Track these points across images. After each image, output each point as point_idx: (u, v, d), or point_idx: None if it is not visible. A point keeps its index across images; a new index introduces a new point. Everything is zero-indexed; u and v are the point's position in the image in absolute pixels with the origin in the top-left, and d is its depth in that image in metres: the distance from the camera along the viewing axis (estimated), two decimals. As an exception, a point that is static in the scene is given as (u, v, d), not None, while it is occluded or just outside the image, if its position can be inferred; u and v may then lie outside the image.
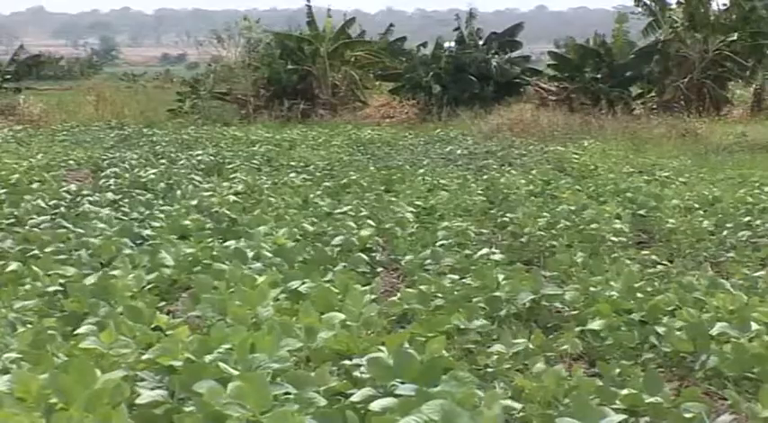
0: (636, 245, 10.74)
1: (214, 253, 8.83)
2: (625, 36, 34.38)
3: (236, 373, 4.70)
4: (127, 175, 15.71)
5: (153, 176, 15.39)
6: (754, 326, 6.28)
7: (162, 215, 11.33)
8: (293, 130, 28.53)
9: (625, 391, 5.11)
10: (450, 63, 34.87)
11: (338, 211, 11.89)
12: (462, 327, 6.57)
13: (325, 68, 34.95)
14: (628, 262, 9.12)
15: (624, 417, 4.78)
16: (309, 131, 27.83)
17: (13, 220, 11.28)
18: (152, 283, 7.56)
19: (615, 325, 6.66)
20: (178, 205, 12.19)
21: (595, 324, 6.67)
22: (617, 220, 11.41)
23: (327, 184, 15.16)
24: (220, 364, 4.79)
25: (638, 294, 7.27)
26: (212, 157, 19.31)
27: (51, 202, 12.50)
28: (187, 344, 5.22)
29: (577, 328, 6.74)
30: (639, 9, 33.84)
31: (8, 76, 38.07)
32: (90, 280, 7.31)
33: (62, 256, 8.63)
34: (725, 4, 33.67)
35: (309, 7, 35.61)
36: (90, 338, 5.39)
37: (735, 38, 32.39)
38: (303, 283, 7.36)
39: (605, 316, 6.76)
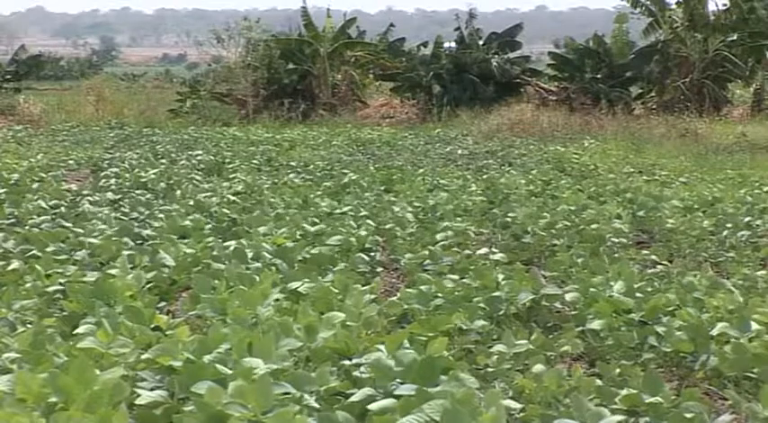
0: (636, 245, 10.74)
1: (214, 253, 8.83)
2: (625, 36, 34.38)
3: (231, 373, 4.70)
4: (127, 175, 15.71)
5: (153, 176, 15.39)
6: (754, 326, 6.28)
7: (162, 215, 11.32)
8: (293, 130, 28.53)
9: (625, 391, 5.11)
10: (450, 63, 34.87)
11: (338, 211, 11.88)
12: (463, 327, 6.57)
13: (325, 68, 34.95)
14: (628, 262, 9.12)
15: (623, 417, 4.79)
16: (309, 131, 27.82)
17: (13, 220, 11.28)
18: (152, 283, 7.56)
19: (615, 325, 6.66)
20: (178, 205, 12.19)
21: (595, 324, 6.67)
22: (617, 220, 11.41)
23: (327, 184, 15.16)
24: (217, 365, 4.79)
25: (638, 294, 7.27)
26: (212, 157, 19.30)
27: (51, 202, 12.50)
28: (187, 344, 5.22)
29: (577, 328, 6.74)
30: (638, 10, 33.84)
31: (8, 76, 38.07)
32: (90, 280, 7.31)
33: (62, 256, 8.63)
34: (725, 5, 33.69)
35: (305, 8, 35.60)
36: (89, 338, 5.39)
37: (734, 38, 32.40)
38: (303, 284, 7.36)
39: (605, 316, 6.76)
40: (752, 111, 32.81)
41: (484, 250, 9.53)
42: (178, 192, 13.83)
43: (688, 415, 4.78)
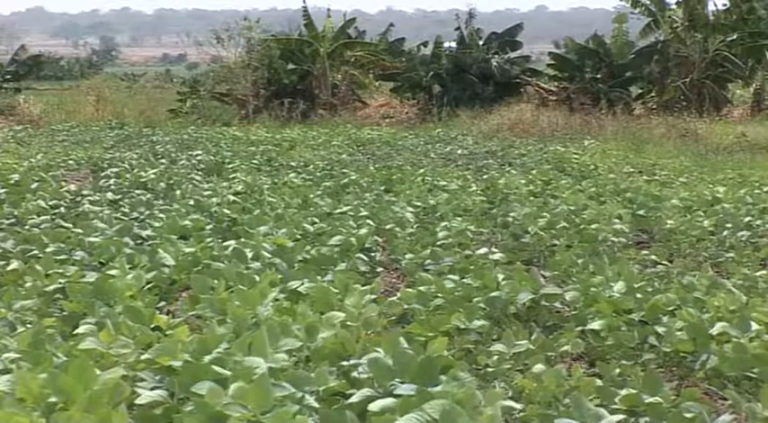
0: (636, 245, 10.74)
1: (214, 253, 8.83)
2: (625, 36, 34.37)
3: (230, 374, 4.70)
4: (127, 175, 15.70)
5: (153, 176, 15.39)
6: (754, 326, 6.29)
7: (162, 215, 11.32)
8: (293, 130, 28.53)
9: (625, 391, 5.11)
10: (450, 63, 34.89)
11: (338, 211, 11.88)
12: (462, 327, 6.57)
13: (325, 68, 34.96)
14: (628, 262, 9.12)
15: (623, 417, 4.79)
16: (309, 131, 27.83)
17: (13, 220, 11.29)
18: (151, 283, 7.56)
19: (615, 325, 6.66)
20: (178, 205, 12.19)
21: (595, 324, 6.67)
22: (617, 220, 11.41)
23: (327, 184, 15.16)
24: (214, 366, 4.78)
25: (638, 294, 7.27)
26: (212, 157, 19.30)
27: (51, 202, 12.50)
28: (187, 344, 5.22)
29: (577, 328, 6.74)
30: (638, 10, 33.84)
31: (8, 76, 38.07)
32: (89, 280, 7.31)
33: (62, 256, 8.63)
34: (724, 5, 33.70)
35: (305, 8, 35.62)
36: (89, 339, 5.39)
37: (734, 38, 32.39)
38: (303, 284, 7.36)
39: (605, 316, 6.76)
40: (752, 111, 32.80)
41: (484, 250, 9.53)
42: (178, 192, 13.84)
43: (688, 415, 4.78)
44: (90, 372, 4.61)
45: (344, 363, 5.32)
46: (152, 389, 4.78)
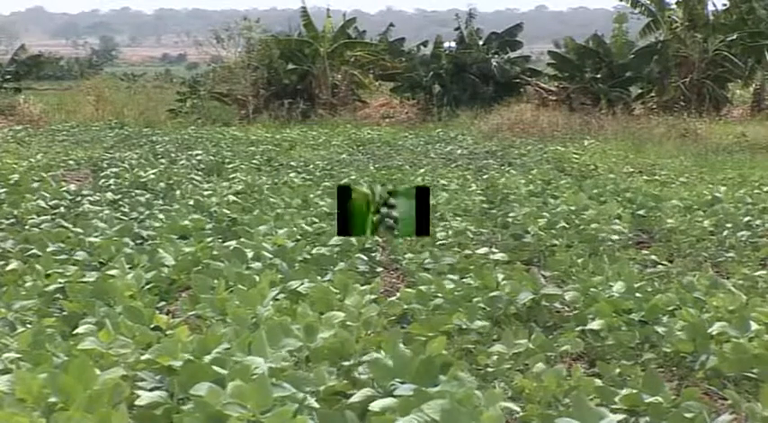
0: (636, 245, 10.75)
1: (214, 253, 8.83)
2: (624, 36, 34.36)
3: (230, 373, 4.69)
4: (127, 175, 15.71)
5: (153, 176, 15.39)
6: (754, 326, 6.28)
7: (162, 215, 11.33)
8: (293, 130, 28.54)
9: (625, 391, 5.12)
10: (450, 63, 34.89)
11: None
12: (462, 327, 6.57)
13: (325, 68, 34.96)
14: (628, 262, 9.12)
15: (623, 416, 4.79)
16: (309, 131, 27.84)
17: (13, 220, 11.29)
18: (151, 283, 7.56)
19: (615, 325, 6.66)
20: (178, 205, 12.20)
21: (595, 324, 6.67)
22: (617, 220, 11.41)
23: (327, 183, 15.16)
24: (214, 366, 4.78)
25: (638, 294, 7.27)
26: (212, 158, 19.31)
27: (51, 202, 12.50)
28: (187, 344, 5.22)
29: (577, 328, 6.74)
30: (637, 10, 33.83)
31: (8, 76, 38.04)
32: (89, 280, 7.31)
33: (62, 256, 8.64)
34: (724, 5, 33.70)
35: (305, 8, 35.62)
36: (89, 339, 5.39)
37: (734, 38, 32.38)
38: (302, 284, 7.36)
39: (605, 316, 6.76)
40: (752, 111, 32.80)
41: (484, 250, 9.53)
42: (178, 192, 13.84)
43: (688, 415, 4.78)
44: (90, 372, 4.61)
45: (345, 363, 5.32)
46: (152, 389, 4.78)
